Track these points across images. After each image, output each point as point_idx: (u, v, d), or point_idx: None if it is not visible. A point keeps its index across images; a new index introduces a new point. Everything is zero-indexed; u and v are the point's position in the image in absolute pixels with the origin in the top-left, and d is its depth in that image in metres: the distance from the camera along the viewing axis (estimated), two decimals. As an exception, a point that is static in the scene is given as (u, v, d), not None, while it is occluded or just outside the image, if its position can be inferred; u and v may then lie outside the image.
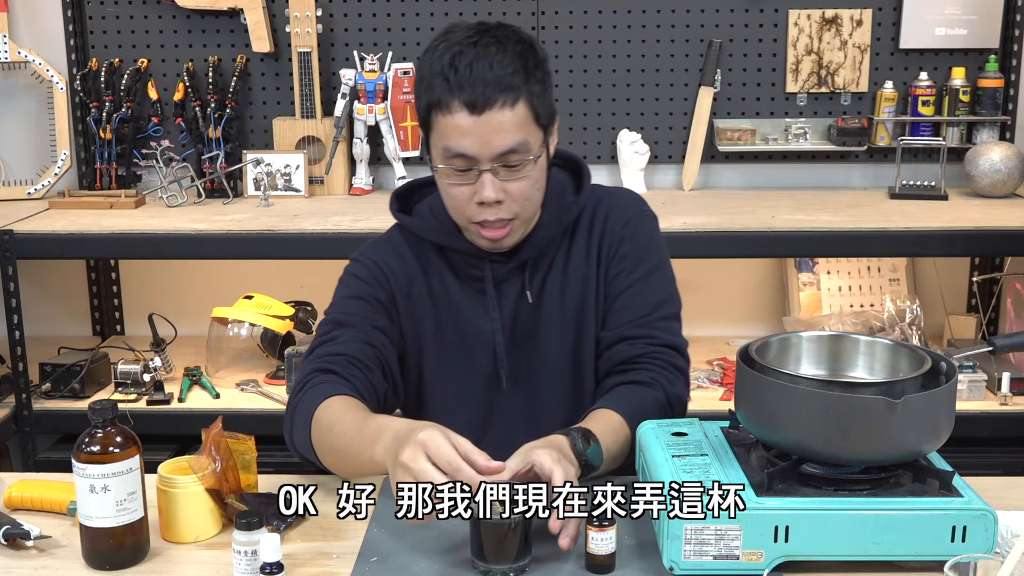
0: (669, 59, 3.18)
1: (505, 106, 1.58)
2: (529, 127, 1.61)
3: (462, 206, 1.65)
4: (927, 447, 1.40)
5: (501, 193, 1.62)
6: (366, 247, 1.81)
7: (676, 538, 1.34)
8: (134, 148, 3.19)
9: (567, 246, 1.77)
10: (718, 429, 1.56)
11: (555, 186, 1.77)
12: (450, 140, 1.59)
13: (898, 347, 1.51)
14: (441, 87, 1.58)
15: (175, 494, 1.51)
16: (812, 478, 1.40)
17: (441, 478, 1.33)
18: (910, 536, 1.34)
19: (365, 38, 3.18)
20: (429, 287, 1.77)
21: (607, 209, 1.78)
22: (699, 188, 3.23)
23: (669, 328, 1.76)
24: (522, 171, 1.62)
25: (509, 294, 1.76)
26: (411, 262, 1.77)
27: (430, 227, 1.76)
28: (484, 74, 1.56)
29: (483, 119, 1.57)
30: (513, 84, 1.58)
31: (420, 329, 1.77)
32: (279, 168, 3.13)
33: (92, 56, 3.21)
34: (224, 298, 3.05)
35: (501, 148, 1.59)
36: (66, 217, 2.92)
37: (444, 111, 1.59)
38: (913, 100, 3.12)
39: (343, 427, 1.53)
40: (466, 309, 1.76)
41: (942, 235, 2.72)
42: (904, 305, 3.06)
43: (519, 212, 1.66)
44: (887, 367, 1.51)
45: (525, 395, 1.77)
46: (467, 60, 1.57)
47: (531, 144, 1.62)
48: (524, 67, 1.60)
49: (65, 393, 2.89)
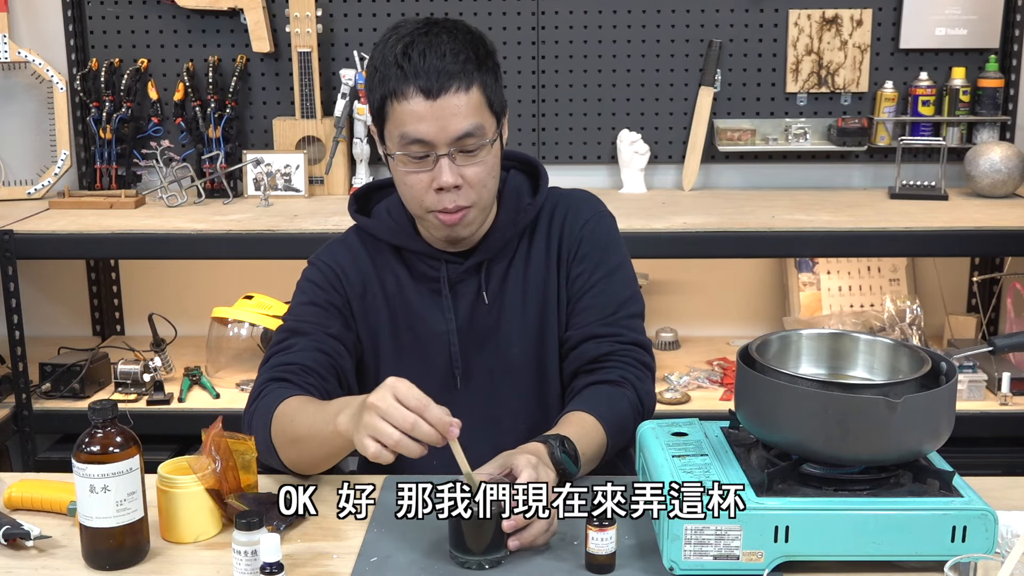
0: (669, 59, 3.18)
1: (460, 91, 1.61)
2: (483, 112, 1.64)
3: (420, 195, 1.67)
4: (927, 447, 1.40)
5: (459, 178, 1.64)
6: (322, 250, 1.83)
7: (676, 538, 1.34)
8: (134, 148, 3.19)
9: (526, 247, 1.79)
10: (718, 429, 1.56)
11: (512, 187, 1.79)
12: (407, 126, 1.62)
13: (898, 346, 1.51)
14: (396, 76, 1.61)
15: (175, 494, 1.51)
16: (812, 478, 1.40)
17: (410, 418, 1.34)
18: (910, 536, 1.34)
19: (365, 38, 3.18)
20: (384, 288, 1.78)
21: (564, 210, 1.81)
22: (699, 188, 3.23)
23: (634, 326, 1.78)
24: (478, 156, 1.65)
25: (465, 295, 1.77)
26: (366, 264, 1.79)
27: (387, 228, 1.78)
28: (437, 61, 1.60)
29: (439, 104, 1.60)
30: (466, 70, 1.61)
31: (376, 331, 1.78)
32: (279, 168, 3.13)
33: (92, 56, 3.21)
34: (224, 298, 3.05)
35: (458, 132, 1.62)
36: (66, 217, 2.92)
37: (400, 98, 1.61)
38: (913, 100, 3.12)
39: (304, 416, 1.56)
40: (422, 310, 1.77)
41: (942, 235, 2.72)
42: (904, 305, 3.06)
43: (476, 200, 1.67)
44: (887, 366, 1.51)
45: (484, 396, 1.78)
46: (420, 48, 1.61)
47: (486, 128, 1.65)
48: (476, 55, 1.63)
49: (65, 393, 2.89)
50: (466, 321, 1.77)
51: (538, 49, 3.17)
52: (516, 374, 1.78)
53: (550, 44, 3.16)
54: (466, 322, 1.77)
